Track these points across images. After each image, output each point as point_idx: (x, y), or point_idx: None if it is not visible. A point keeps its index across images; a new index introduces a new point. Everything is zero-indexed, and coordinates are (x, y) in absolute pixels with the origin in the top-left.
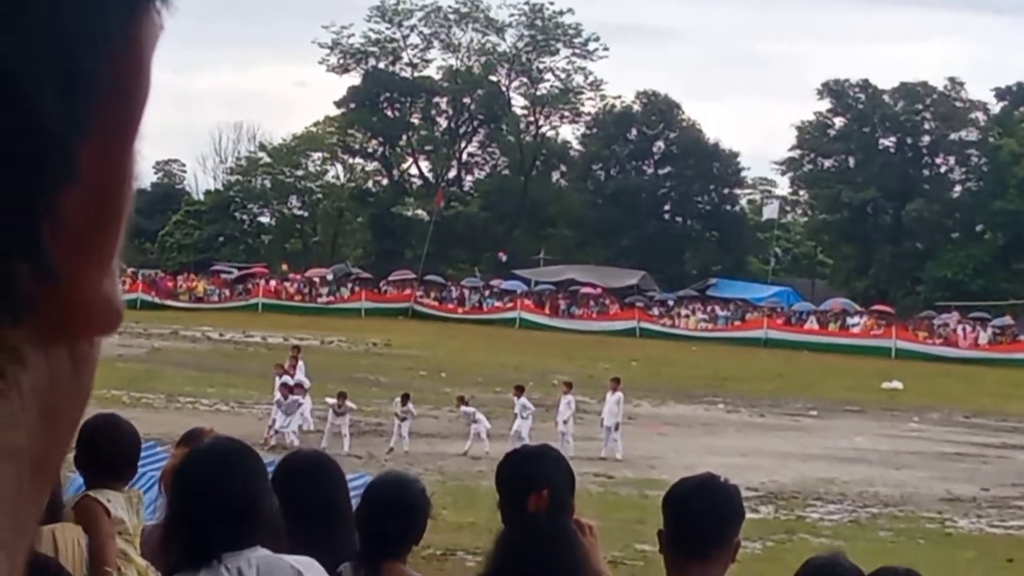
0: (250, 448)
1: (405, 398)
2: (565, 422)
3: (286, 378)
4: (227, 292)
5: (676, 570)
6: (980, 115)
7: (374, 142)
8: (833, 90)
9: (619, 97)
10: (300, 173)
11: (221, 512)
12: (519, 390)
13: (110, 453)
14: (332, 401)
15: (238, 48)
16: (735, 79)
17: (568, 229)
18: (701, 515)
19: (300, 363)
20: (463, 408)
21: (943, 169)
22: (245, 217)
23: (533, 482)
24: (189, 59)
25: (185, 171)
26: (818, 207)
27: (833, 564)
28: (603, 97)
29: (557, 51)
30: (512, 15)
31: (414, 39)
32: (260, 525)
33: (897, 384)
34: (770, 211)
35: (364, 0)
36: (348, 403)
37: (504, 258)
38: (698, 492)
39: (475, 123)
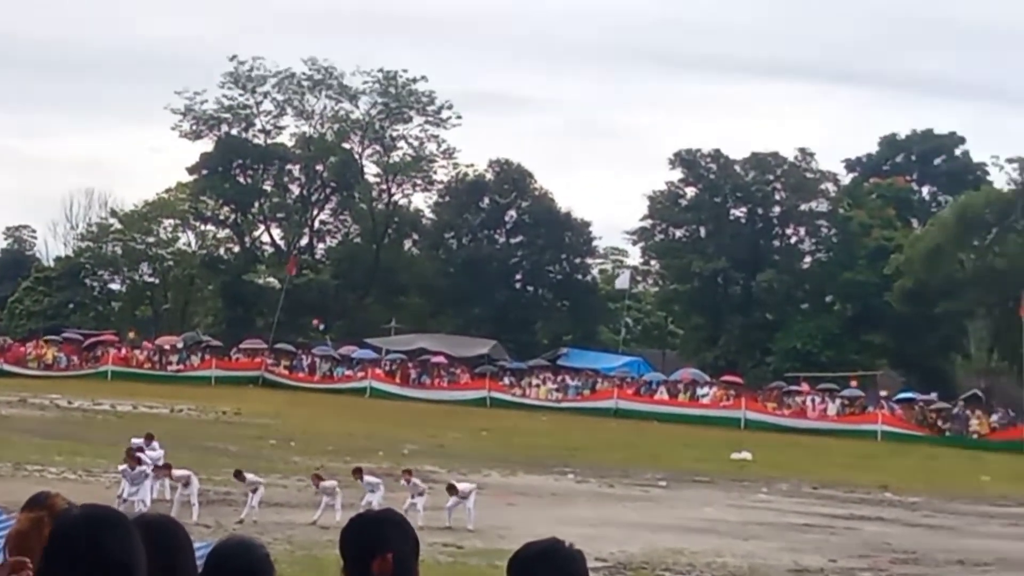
0: (124, 516)
1: (238, 474)
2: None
3: (139, 446)
4: (76, 359)
5: None
6: (831, 186)
7: (226, 209)
8: (685, 160)
9: (472, 165)
10: (151, 240)
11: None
12: (357, 473)
13: None
14: (181, 473)
15: (90, 113)
16: (588, 148)
17: (420, 297)
18: None
19: (155, 443)
20: (323, 484)
21: (793, 240)
22: (95, 284)
23: (377, 546)
24: (39, 124)
25: (36, 237)
26: (669, 277)
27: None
28: (456, 165)
29: (410, 119)
30: (366, 82)
31: (267, 106)
32: None
33: (746, 455)
34: (621, 281)
35: (218, 66)
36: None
37: (321, 327)
38: (543, 557)
39: (328, 190)
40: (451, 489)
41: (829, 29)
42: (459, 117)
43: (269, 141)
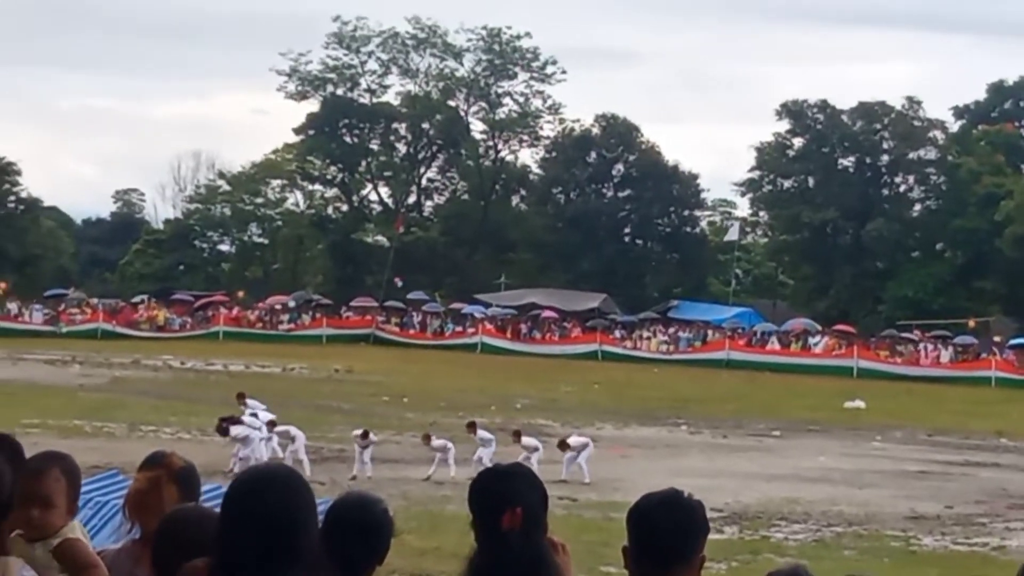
0: (297, 474)
1: (364, 434)
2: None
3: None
4: (188, 321)
5: None
6: (939, 134)
7: (333, 169)
8: (792, 111)
9: (578, 120)
10: (259, 201)
11: (253, 538)
12: (471, 427)
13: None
14: (282, 428)
15: (197, 76)
16: (694, 101)
17: (528, 253)
18: (665, 530)
19: (254, 402)
20: (433, 443)
21: (902, 188)
22: (205, 245)
23: (506, 500)
24: (147, 88)
25: (144, 200)
26: (778, 228)
27: (795, 574)
28: (562, 121)
29: (515, 75)
30: (470, 40)
31: (372, 65)
32: (301, 554)
33: (860, 403)
34: (731, 233)
35: (322, 27)
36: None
37: (400, 283)
38: (662, 507)
39: (434, 148)
40: (562, 445)
41: None
42: (564, 72)
43: (374, 100)
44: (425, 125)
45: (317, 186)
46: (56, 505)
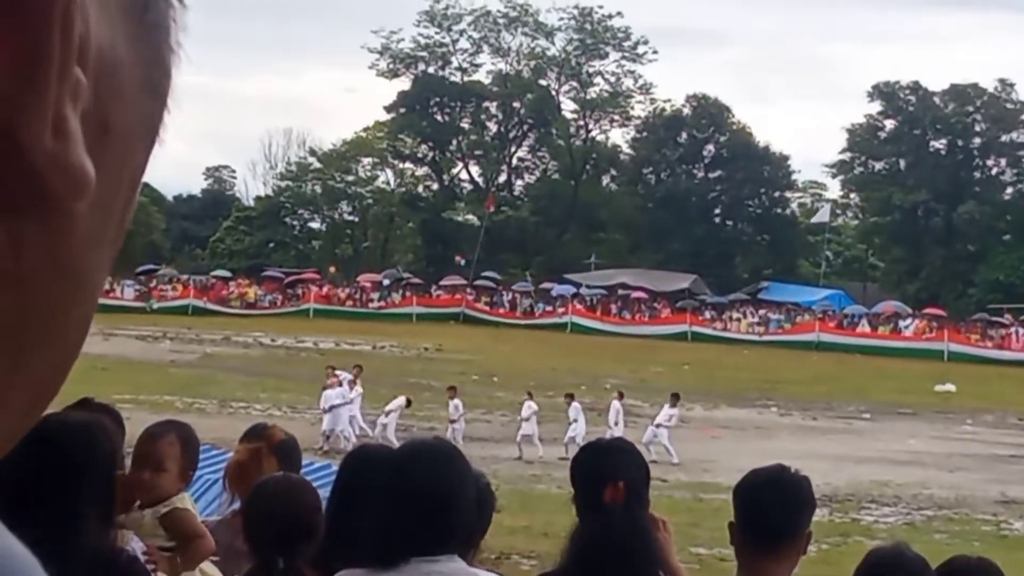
0: (456, 449)
1: (452, 390)
2: (616, 424)
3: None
4: (279, 298)
5: (747, 561)
6: None
7: (424, 147)
8: (883, 92)
9: (669, 100)
10: (350, 178)
11: (417, 509)
12: (570, 397)
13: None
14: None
15: (287, 53)
16: (785, 82)
17: (619, 233)
18: (772, 506)
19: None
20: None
21: (994, 171)
22: (296, 223)
23: (609, 474)
24: (237, 64)
25: (235, 177)
26: (869, 210)
27: (896, 554)
28: (653, 100)
29: (606, 55)
30: (561, 19)
31: (463, 44)
32: (457, 531)
33: (950, 387)
34: (821, 214)
35: (413, 4)
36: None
37: (463, 262)
38: (769, 483)
39: (525, 127)
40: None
41: None
42: (655, 52)
43: (466, 79)
44: (516, 104)
45: (408, 164)
46: (167, 469)
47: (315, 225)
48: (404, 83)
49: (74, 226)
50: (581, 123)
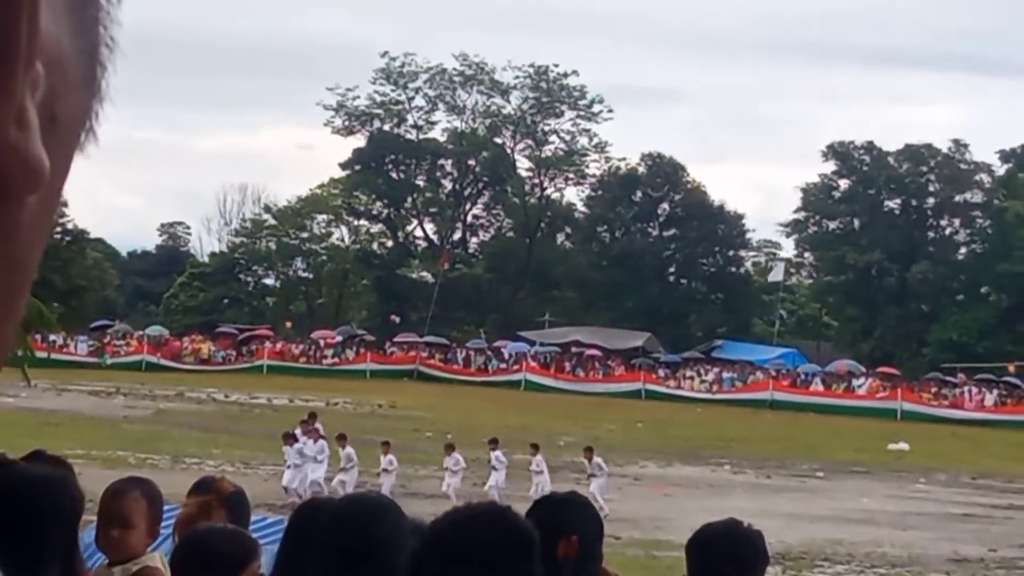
0: (392, 502)
1: (385, 445)
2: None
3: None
4: (232, 354)
5: None
6: (985, 177)
7: (379, 204)
8: (838, 152)
9: (624, 159)
10: (305, 235)
11: (350, 564)
12: (494, 443)
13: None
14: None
15: (242, 110)
16: (740, 141)
17: (573, 291)
18: (725, 559)
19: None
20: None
21: (948, 231)
22: (250, 279)
23: (562, 528)
24: (193, 121)
25: (190, 233)
26: (823, 269)
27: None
28: (608, 159)
29: (562, 113)
30: (517, 77)
31: (419, 101)
32: None
33: (903, 445)
34: (775, 273)
35: (369, 62)
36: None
37: (398, 320)
38: (722, 537)
39: (480, 185)
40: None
41: (983, 18)
42: (610, 111)
43: (421, 136)
44: (471, 162)
45: (363, 221)
46: (135, 526)
47: (269, 281)
48: (359, 140)
49: (24, 217)
50: (536, 181)
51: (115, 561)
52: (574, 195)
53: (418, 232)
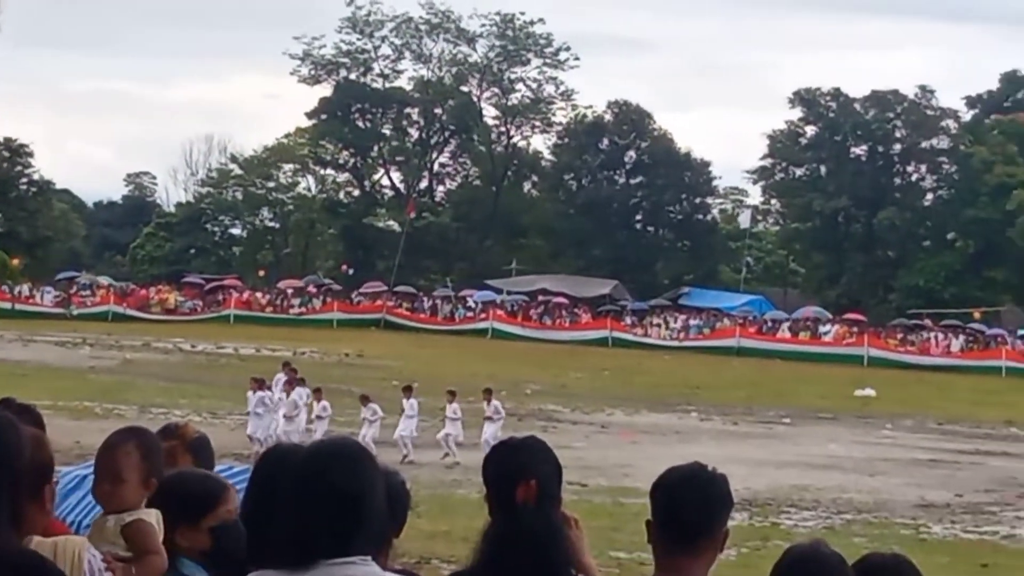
0: (364, 448)
1: (364, 399)
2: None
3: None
4: (199, 304)
5: (664, 559)
6: (951, 123)
7: (345, 153)
8: (804, 99)
9: (590, 107)
10: (271, 185)
11: (326, 510)
12: (451, 394)
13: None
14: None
15: (209, 59)
16: (706, 89)
17: (540, 239)
18: (690, 504)
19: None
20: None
21: (914, 177)
22: (216, 229)
23: (521, 472)
24: (159, 70)
25: (156, 183)
26: (789, 216)
27: (814, 551)
28: (574, 107)
29: (528, 61)
30: (483, 25)
31: (385, 50)
32: (368, 531)
33: (870, 391)
34: (742, 220)
35: (335, 11)
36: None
37: (351, 271)
38: (686, 481)
39: (446, 134)
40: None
41: None
42: (577, 59)
43: (387, 85)
44: (438, 110)
45: (329, 170)
46: (126, 480)
47: (236, 231)
48: (326, 89)
49: None
50: (503, 129)
51: (109, 512)
52: (541, 143)
53: (385, 181)
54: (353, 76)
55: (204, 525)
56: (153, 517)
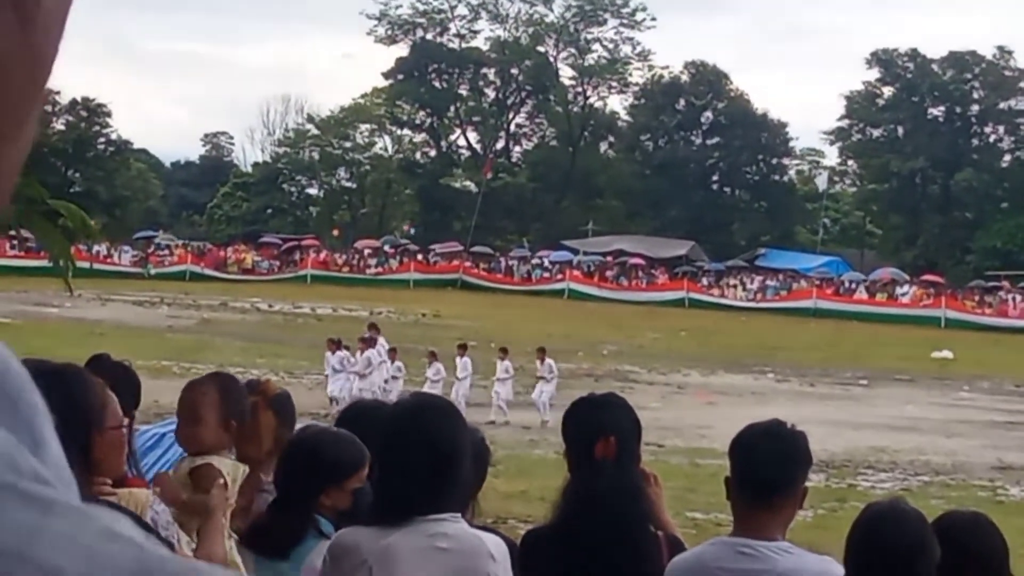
0: (453, 405)
1: (432, 355)
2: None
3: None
4: (276, 264)
5: (743, 516)
6: None
7: (422, 113)
8: (882, 59)
9: (667, 67)
10: (348, 145)
11: (421, 466)
12: (462, 349)
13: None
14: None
15: (285, 20)
16: (783, 49)
17: (616, 200)
18: (768, 460)
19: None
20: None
21: (992, 138)
22: (293, 189)
23: (600, 429)
24: (235, 31)
25: (233, 144)
26: (867, 177)
27: (894, 508)
28: (651, 67)
29: (605, 21)
30: None
31: (462, 10)
32: (459, 488)
33: (947, 353)
34: (819, 181)
35: None
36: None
37: (412, 231)
38: (765, 437)
39: (523, 94)
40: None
41: None
42: (653, 19)
43: (464, 45)
44: (514, 71)
45: (406, 131)
46: (203, 419)
47: (313, 191)
48: (402, 49)
49: (38, 17)
50: (579, 90)
51: (190, 454)
52: (617, 104)
53: (461, 141)
54: (430, 36)
55: (348, 487)
56: (227, 464)
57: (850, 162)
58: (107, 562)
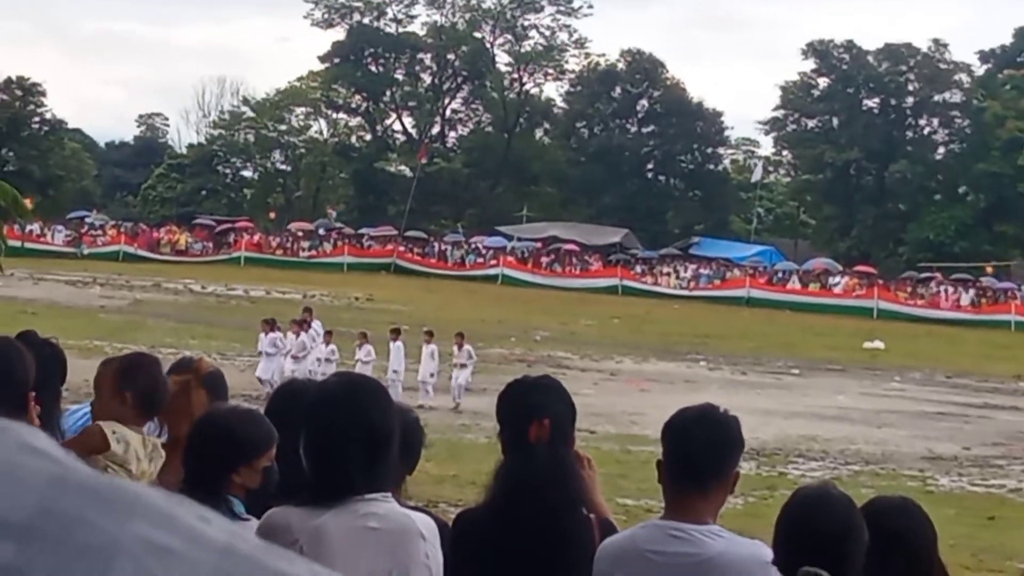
0: (383, 385)
1: (362, 336)
2: (431, 374)
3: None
4: (209, 245)
5: (674, 499)
6: (964, 77)
7: (358, 97)
8: (817, 50)
9: (603, 55)
10: (283, 128)
11: (352, 446)
12: (395, 333)
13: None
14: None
15: (222, 2)
16: (720, 39)
17: (551, 186)
18: (700, 444)
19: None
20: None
21: (927, 131)
22: (228, 171)
23: (534, 411)
24: (171, 12)
25: (168, 125)
26: (801, 167)
27: (823, 492)
28: (587, 55)
29: (542, 8)
30: None
31: None
32: (390, 469)
33: (879, 344)
34: (754, 171)
35: None
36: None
37: (334, 214)
38: (698, 421)
39: (459, 79)
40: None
41: None
42: (590, 7)
43: (400, 30)
44: (450, 56)
45: (341, 114)
46: (99, 392)
47: (247, 174)
48: (339, 33)
49: None
50: (515, 76)
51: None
52: (553, 91)
53: (396, 126)
54: (366, 20)
55: (258, 465)
56: (108, 428)
57: (785, 152)
58: (24, 474)
